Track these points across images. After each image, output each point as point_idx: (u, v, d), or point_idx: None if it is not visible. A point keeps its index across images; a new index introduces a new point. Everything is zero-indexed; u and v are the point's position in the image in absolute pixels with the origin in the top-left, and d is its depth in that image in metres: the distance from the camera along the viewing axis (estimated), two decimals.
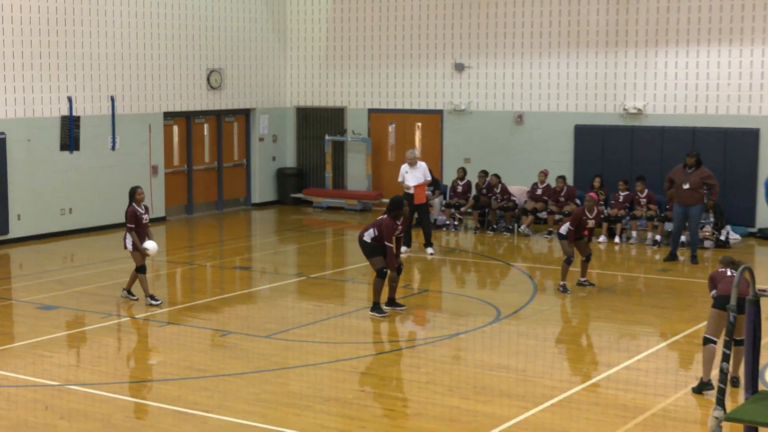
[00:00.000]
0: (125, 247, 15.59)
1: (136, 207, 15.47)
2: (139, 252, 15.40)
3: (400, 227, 14.91)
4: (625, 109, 22.97)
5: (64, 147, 22.06)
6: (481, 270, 19.29)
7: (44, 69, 21.61)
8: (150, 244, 15.49)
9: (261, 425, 10.30)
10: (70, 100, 22.13)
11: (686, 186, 18.98)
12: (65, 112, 22.07)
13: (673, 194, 19.28)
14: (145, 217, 15.59)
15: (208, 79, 25.46)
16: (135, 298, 15.72)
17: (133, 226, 15.40)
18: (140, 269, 15.46)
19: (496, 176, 23.13)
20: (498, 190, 22.98)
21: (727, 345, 6.64)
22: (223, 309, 15.64)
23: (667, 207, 20.55)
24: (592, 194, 16.94)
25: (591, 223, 16.56)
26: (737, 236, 21.24)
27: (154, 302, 15.46)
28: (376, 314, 14.81)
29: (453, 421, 10.42)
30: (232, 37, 26.04)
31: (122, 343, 13.99)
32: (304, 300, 16.47)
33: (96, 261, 19.21)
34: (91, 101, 22.64)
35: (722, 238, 20.77)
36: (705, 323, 11.95)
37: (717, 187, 19.42)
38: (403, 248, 19.71)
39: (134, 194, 15.54)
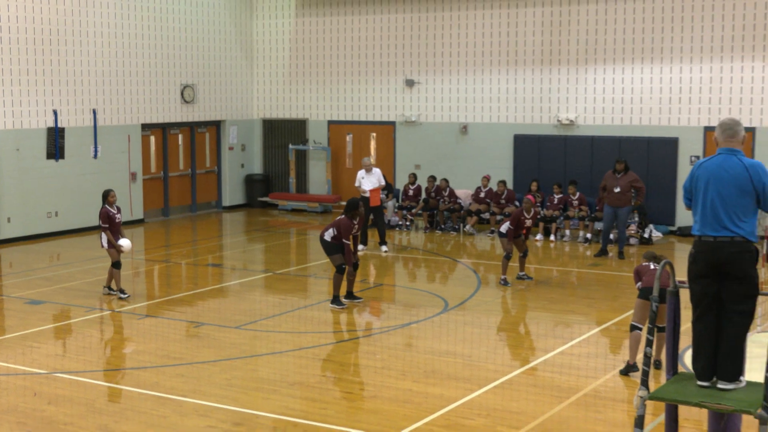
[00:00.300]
0: (102, 246, 15.56)
1: (109, 208, 15.44)
2: (114, 249, 15.36)
3: (356, 226, 14.96)
4: (558, 120, 23.12)
5: (50, 155, 21.90)
6: (431, 266, 19.33)
7: (32, 85, 21.46)
8: (124, 242, 15.44)
9: (232, 408, 10.27)
10: (55, 113, 21.97)
11: (617, 189, 19.15)
12: (51, 123, 21.91)
13: (605, 197, 19.43)
14: (118, 216, 15.53)
15: (181, 94, 25.33)
16: (115, 292, 15.64)
17: (107, 225, 15.39)
18: (115, 265, 15.41)
19: (445, 180, 23.20)
20: (446, 194, 23.05)
21: (650, 331, 6.70)
22: (196, 302, 15.57)
23: (597, 208, 20.71)
24: (530, 197, 17.04)
25: (528, 223, 16.66)
26: (659, 234, 21.44)
27: (122, 296, 15.41)
28: (336, 306, 14.82)
29: (406, 402, 10.44)
30: (203, 56, 25.93)
31: (104, 335, 13.89)
32: (271, 294, 16.43)
33: (80, 259, 19.04)
34: (74, 114, 22.49)
35: (646, 235, 20.98)
36: (631, 312, 12.06)
37: (644, 189, 19.62)
38: (360, 246, 19.72)
39: (107, 196, 15.55)
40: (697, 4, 21.43)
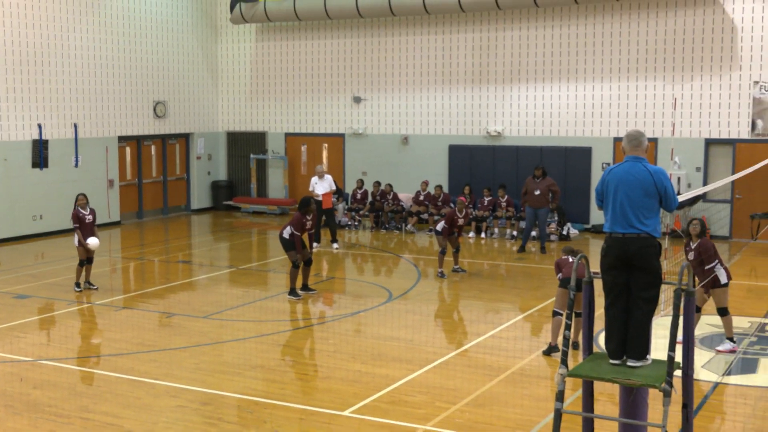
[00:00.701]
0: (75, 244, 15.37)
1: (79, 209, 15.23)
2: (82, 247, 15.15)
3: (309, 222, 14.86)
4: (488, 132, 23.22)
5: (35, 165, 21.58)
6: (376, 261, 19.31)
7: (18, 101, 21.09)
8: (91, 240, 15.20)
9: (200, 389, 10.16)
10: (40, 126, 21.64)
11: (537, 192, 19.27)
12: (36, 136, 21.58)
13: (526, 200, 19.54)
14: (88, 217, 15.31)
15: (154, 109, 25.05)
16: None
17: (77, 225, 15.20)
18: (81, 263, 15.23)
19: (390, 185, 23.18)
20: (390, 197, 23.04)
21: (568, 317, 6.73)
22: (168, 295, 15.38)
23: (522, 209, 20.83)
24: (462, 198, 17.08)
25: (461, 221, 16.68)
26: (576, 231, 21.63)
27: (77, 289, 15.29)
28: (293, 297, 14.74)
29: (355, 381, 10.40)
30: (173, 75, 25.67)
31: (85, 325, 13.66)
32: (235, 287, 16.29)
33: (63, 258, 18.71)
34: (57, 127, 22.16)
35: (564, 232, 21.15)
36: (553, 300, 12.13)
37: (559, 192, 19.76)
38: (314, 244, 19.63)
39: (76, 200, 15.35)
40: (606, 31, 21.66)
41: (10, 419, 9.22)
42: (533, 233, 20.10)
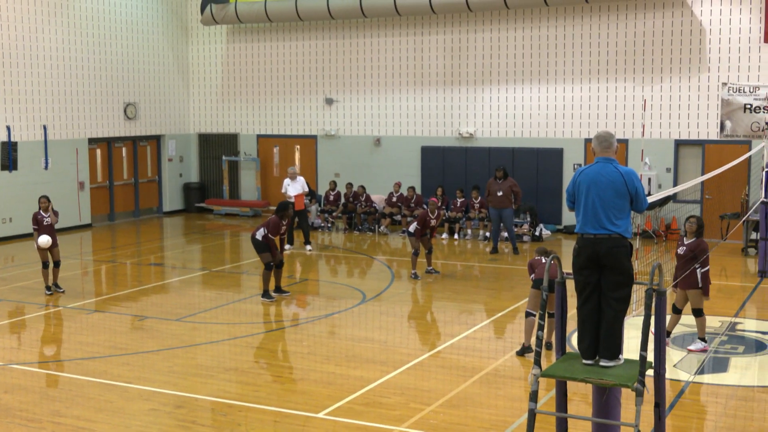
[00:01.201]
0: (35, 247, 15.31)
1: (39, 212, 15.15)
2: (43, 251, 15.06)
3: (284, 226, 14.91)
4: (460, 133, 23.30)
5: (4, 167, 21.38)
6: (350, 262, 19.31)
7: None
8: (41, 238, 15.08)
9: (173, 392, 10.12)
10: (8, 128, 21.43)
11: (499, 193, 19.33)
12: (4, 138, 21.38)
13: (490, 201, 19.59)
14: (47, 219, 15.25)
15: (125, 111, 24.89)
16: (62, 290, 15.32)
17: (36, 227, 15.15)
18: (44, 265, 15.18)
19: (362, 187, 23.19)
20: (363, 198, 23.05)
21: (541, 317, 6.77)
22: (140, 298, 15.30)
23: (485, 211, 20.93)
24: (434, 199, 17.13)
25: (434, 222, 16.73)
26: (548, 232, 21.74)
27: (47, 292, 15.23)
28: (266, 299, 14.71)
29: (330, 383, 10.40)
30: (144, 77, 25.52)
31: (56, 329, 13.55)
32: (208, 289, 16.22)
33: (33, 261, 18.50)
34: (26, 129, 21.96)
35: (537, 233, 21.26)
36: (526, 300, 12.20)
37: (521, 193, 19.78)
38: (287, 246, 19.62)
39: (39, 201, 15.29)
40: (576, 32, 21.82)
41: None
42: (504, 234, 20.17)
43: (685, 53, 20.78)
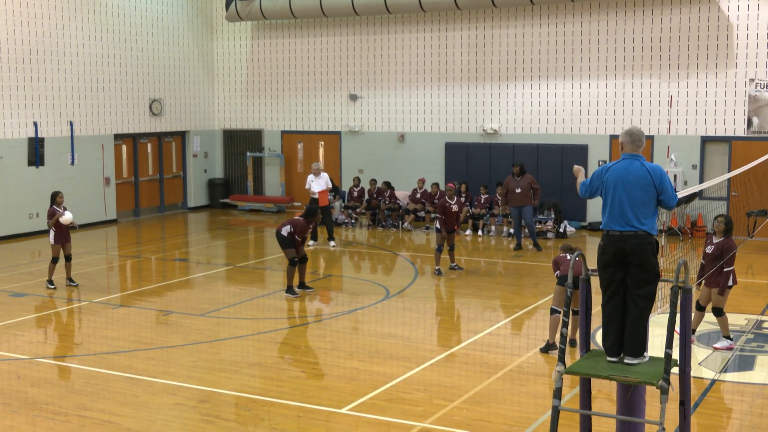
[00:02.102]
0: (50, 242, 15.36)
1: (56, 207, 15.23)
2: (57, 245, 15.13)
3: (311, 229, 15.02)
4: (484, 129, 23.24)
5: (31, 163, 21.57)
6: (373, 258, 19.32)
7: (14, 99, 21.10)
8: (66, 215, 15.17)
9: (198, 387, 10.17)
10: (36, 124, 21.62)
11: (518, 191, 19.23)
12: (32, 134, 21.56)
13: (508, 199, 19.46)
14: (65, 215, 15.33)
15: (150, 107, 25.04)
16: (75, 284, 15.42)
17: (52, 221, 15.25)
18: (54, 260, 15.25)
19: (387, 183, 23.20)
20: (387, 195, 23.05)
21: (565, 314, 6.74)
22: (165, 293, 15.39)
23: (503, 208, 20.84)
24: (450, 184, 16.96)
25: (454, 208, 16.43)
26: (572, 228, 21.65)
27: (50, 286, 15.33)
28: (290, 295, 14.75)
29: (353, 379, 10.41)
30: (169, 73, 25.66)
31: (82, 323, 13.66)
32: (232, 285, 16.29)
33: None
34: (53, 125, 22.15)
35: (561, 230, 21.17)
36: (551, 297, 12.16)
37: (539, 189, 19.65)
38: (311, 242, 19.67)
39: (55, 197, 15.39)
40: (602, 28, 21.69)
41: (8, 417, 9.23)
42: (526, 231, 20.08)
43: (712, 49, 20.60)
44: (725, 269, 11.30)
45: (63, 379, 10.62)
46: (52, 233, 15.28)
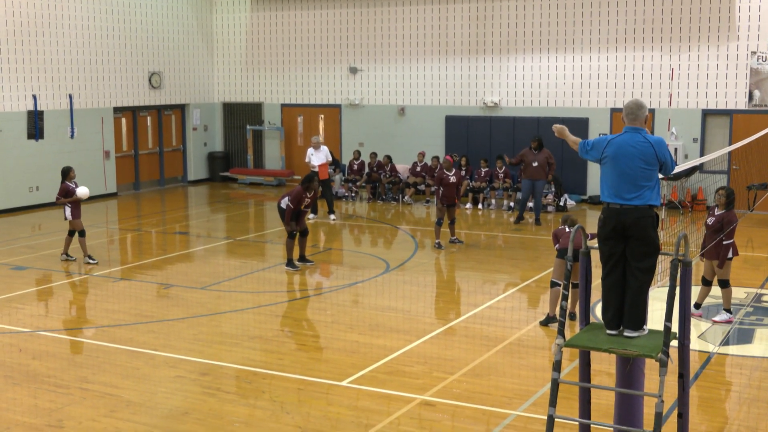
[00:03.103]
0: (66, 218, 15.34)
1: (68, 183, 15.21)
2: (77, 220, 15.14)
3: (308, 200, 14.80)
4: (484, 103, 23.17)
5: (30, 136, 21.54)
6: (374, 232, 19.33)
7: (12, 72, 21.03)
8: (81, 189, 15.24)
9: (199, 360, 10.21)
10: (35, 97, 21.56)
11: (535, 164, 19.23)
12: (31, 107, 21.52)
13: (524, 171, 19.46)
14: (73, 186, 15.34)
15: (149, 80, 24.95)
16: (95, 261, 15.40)
17: (69, 198, 15.19)
18: (81, 233, 15.21)
19: (388, 157, 23.16)
20: (387, 168, 23.02)
21: (565, 287, 6.74)
22: (166, 267, 15.41)
23: (519, 180, 20.80)
24: (448, 157, 16.90)
25: (452, 179, 16.37)
26: (573, 202, 21.65)
27: (91, 261, 15.22)
28: (290, 268, 14.76)
29: (353, 352, 10.45)
30: (169, 45, 25.54)
31: (83, 296, 13.69)
32: (232, 258, 16.31)
33: (59, 230, 18.68)
34: (52, 98, 22.09)
35: (561, 203, 21.17)
36: (550, 271, 12.17)
37: (555, 165, 19.71)
38: (311, 215, 19.67)
39: (68, 173, 15.38)
40: (603, 1, 21.56)
41: (10, 390, 9.27)
42: (529, 204, 20.07)
43: (714, 21, 20.49)
44: (725, 242, 11.31)
45: (64, 352, 10.65)
46: (68, 209, 15.25)
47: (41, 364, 10.10)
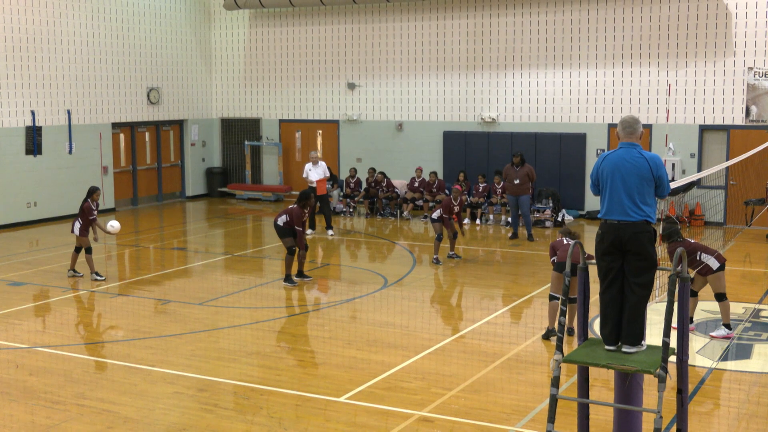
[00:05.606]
0: (72, 231, 15.34)
1: (90, 203, 15.21)
2: (85, 237, 15.12)
3: (306, 215, 14.87)
4: (482, 118, 23.21)
5: (29, 151, 21.54)
6: (371, 247, 19.32)
7: (11, 87, 21.05)
8: (113, 224, 15.42)
9: (196, 375, 10.18)
10: (33, 113, 21.58)
11: (516, 181, 19.21)
12: (29, 122, 21.53)
13: (506, 187, 19.49)
14: (95, 213, 15.31)
15: (148, 96, 24.98)
16: (102, 278, 15.34)
17: (93, 218, 15.23)
18: (88, 250, 15.19)
19: (382, 173, 23.18)
20: (384, 184, 23.04)
21: (563, 303, 6.74)
22: (163, 282, 15.39)
23: (501, 197, 20.90)
24: (457, 186, 17.09)
25: (457, 209, 16.73)
26: (570, 217, 21.66)
27: (98, 278, 15.18)
28: (288, 284, 14.75)
29: (351, 368, 10.42)
30: (167, 61, 25.60)
31: (80, 312, 13.67)
32: (230, 274, 16.29)
33: (57, 245, 18.69)
34: (51, 114, 22.10)
35: (559, 219, 21.18)
36: (548, 285, 12.16)
37: (535, 177, 19.69)
38: (309, 231, 19.67)
39: (92, 194, 15.35)
40: (601, 17, 21.64)
41: (7, 406, 9.23)
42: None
43: (711, 37, 20.57)
44: (703, 261, 11.38)
45: (61, 368, 10.62)
46: (77, 224, 15.22)
47: (38, 380, 10.07)
